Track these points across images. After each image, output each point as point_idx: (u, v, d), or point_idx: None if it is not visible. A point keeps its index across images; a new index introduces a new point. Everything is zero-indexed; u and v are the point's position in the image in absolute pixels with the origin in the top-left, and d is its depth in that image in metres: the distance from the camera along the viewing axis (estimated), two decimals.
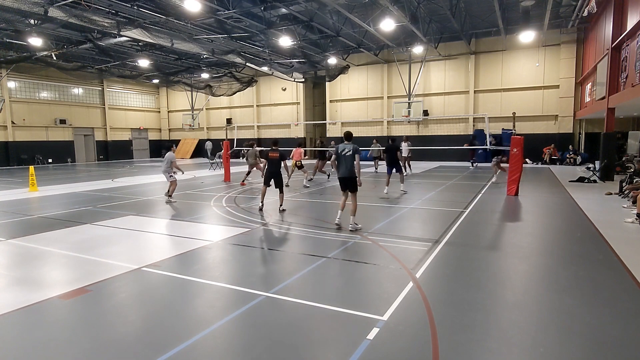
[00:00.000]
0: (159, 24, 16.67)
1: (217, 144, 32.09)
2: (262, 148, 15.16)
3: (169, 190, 10.86)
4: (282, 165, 9.25)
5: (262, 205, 9.35)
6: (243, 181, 14.59)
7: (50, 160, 29.16)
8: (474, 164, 22.07)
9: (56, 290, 4.54)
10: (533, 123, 24.09)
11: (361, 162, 7.68)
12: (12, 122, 27.19)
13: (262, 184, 9.36)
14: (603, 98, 15.18)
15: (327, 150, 15.62)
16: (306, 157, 14.97)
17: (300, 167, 14.42)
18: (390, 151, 11.95)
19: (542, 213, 9.05)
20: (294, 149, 14.93)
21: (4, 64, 22.28)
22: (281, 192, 9.20)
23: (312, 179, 14.83)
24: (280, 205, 9.22)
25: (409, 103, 25.94)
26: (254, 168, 14.68)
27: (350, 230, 7.18)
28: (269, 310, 3.97)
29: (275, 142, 9.64)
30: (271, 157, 9.16)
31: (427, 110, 26.27)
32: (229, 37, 19.20)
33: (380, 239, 6.61)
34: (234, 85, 28.81)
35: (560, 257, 5.64)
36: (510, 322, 3.69)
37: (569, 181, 14.16)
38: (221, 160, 19.99)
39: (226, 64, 26.13)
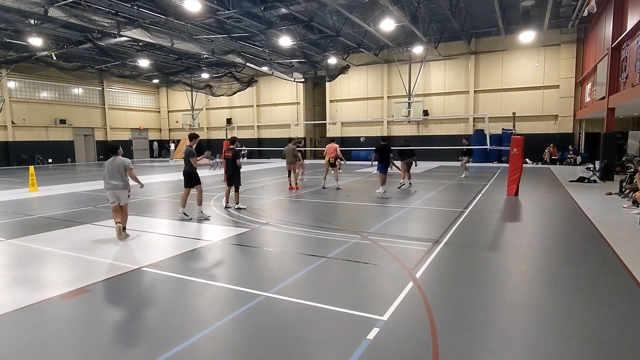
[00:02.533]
0: (159, 24, 16.68)
1: (217, 143, 32.12)
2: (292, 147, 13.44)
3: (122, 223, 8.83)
4: (237, 163, 9.29)
5: (227, 204, 9.72)
6: (291, 184, 13.19)
7: (50, 160, 29.17)
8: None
9: (56, 290, 4.54)
10: (533, 123, 24.09)
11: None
12: (12, 122, 27.19)
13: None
14: (603, 98, 15.18)
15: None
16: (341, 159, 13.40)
17: (334, 165, 13.15)
18: (382, 151, 11.89)
19: (542, 213, 9.05)
20: (328, 145, 13.49)
21: (4, 64, 22.30)
22: (236, 190, 9.40)
23: (301, 180, 14.37)
24: (236, 203, 9.42)
25: (409, 103, 25.95)
26: (296, 168, 13.34)
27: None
28: (269, 310, 3.97)
29: (233, 140, 9.65)
30: (226, 156, 9.45)
31: (427, 110, 26.28)
32: (229, 37, 19.20)
33: (380, 239, 6.61)
34: (234, 85, 28.82)
35: (560, 257, 5.64)
36: (510, 322, 3.69)
37: (569, 181, 14.16)
38: (221, 160, 19.98)
39: (226, 64, 26.13)
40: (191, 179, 8.45)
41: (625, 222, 7.71)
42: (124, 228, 6.94)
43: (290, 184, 13.24)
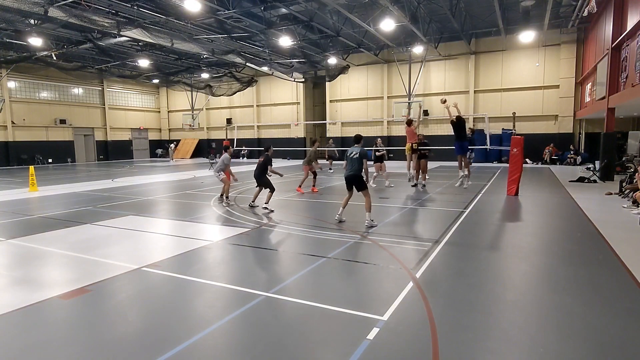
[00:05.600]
0: (159, 24, 16.67)
1: (217, 143, 32.18)
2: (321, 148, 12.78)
3: (222, 193, 10.66)
4: (268, 169, 9.56)
5: (252, 203, 9.77)
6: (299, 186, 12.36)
7: (50, 160, 29.16)
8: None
9: (56, 290, 4.54)
10: (533, 123, 24.08)
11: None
12: (12, 122, 27.18)
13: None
14: (603, 98, 15.18)
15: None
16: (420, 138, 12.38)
17: (416, 151, 12.24)
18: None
19: (542, 213, 9.05)
20: (406, 129, 12.57)
21: (4, 64, 22.30)
22: (271, 191, 9.44)
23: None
24: (266, 203, 9.31)
25: (409, 103, 25.94)
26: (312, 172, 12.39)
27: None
28: (269, 310, 3.97)
29: (267, 147, 9.79)
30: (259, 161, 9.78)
31: (427, 110, 26.27)
32: (229, 37, 19.20)
33: (380, 239, 6.61)
34: (234, 85, 28.82)
35: (560, 257, 5.64)
36: (510, 322, 3.69)
37: (569, 181, 14.15)
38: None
39: (226, 64, 26.13)
40: (361, 183, 7.62)
41: (625, 222, 7.71)
42: (225, 196, 10.43)
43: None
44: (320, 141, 20.70)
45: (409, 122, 12.58)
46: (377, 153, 13.42)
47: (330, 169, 19.89)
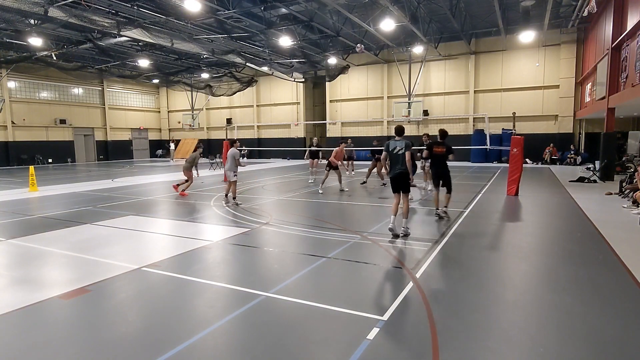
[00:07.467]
0: (159, 24, 16.67)
1: (217, 143, 32.17)
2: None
3: (227, 193, 10.41)
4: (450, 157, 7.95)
5: (437, 209, 8.47)
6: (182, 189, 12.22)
7: (50, 160, 29.16)
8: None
9: (56, 290, 4.54)
10: (533, 123, 24.09)
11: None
12: (12, 122, 27.18)
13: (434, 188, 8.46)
14: (603, 98, 15.18)
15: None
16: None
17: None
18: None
19: (542, 213, 9.05)
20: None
21: (4, 64, 22.30)
22: (448, 192, 8.29)
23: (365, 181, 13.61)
24: (445, 206, 8.35)
25: (409, 103, 25.96)
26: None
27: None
28: (269, 310, 3.97)
29: (444, 134, 7.95)
30: (435, 152, 8.02)
31: (427, 110, 26.28)
32: (229, 37, 19.21)
33: (380, 239, 6.61)
34: (234, 85, 28.83)
35: (560, 257, 5.64)
36: (510, 322, 3.69)
37: (569, 181, 14.15)
38: (221, 160, 20.01)
39: (226, 64, 26.14)
40: (407, 184, 6.80)
41: (625, 222, 7.71)
42: (226, 195, 10.40)
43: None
44: (320, 141, 20.43)
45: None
46: (311, 149, 15.31)
47: (353, 170, 18.51)
